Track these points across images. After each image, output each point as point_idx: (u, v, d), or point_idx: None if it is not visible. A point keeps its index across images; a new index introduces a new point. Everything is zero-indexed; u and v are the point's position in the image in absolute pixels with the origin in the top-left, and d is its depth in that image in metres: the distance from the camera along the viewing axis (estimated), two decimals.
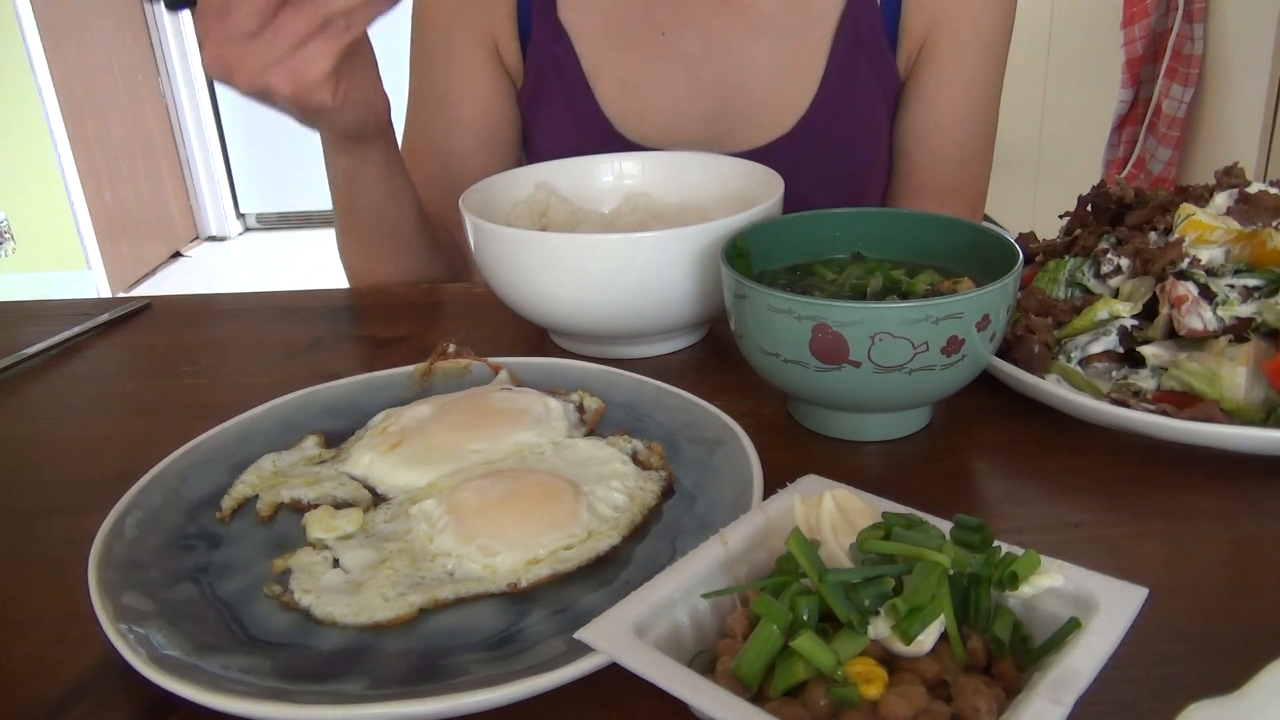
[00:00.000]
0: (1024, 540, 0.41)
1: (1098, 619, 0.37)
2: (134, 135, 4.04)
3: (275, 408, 0.62)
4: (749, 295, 0.56)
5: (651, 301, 0.67)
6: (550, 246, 0.67)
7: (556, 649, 0.41)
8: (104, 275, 3.69)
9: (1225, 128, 2.25)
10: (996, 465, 0.58)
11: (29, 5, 3.35)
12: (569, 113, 0.96)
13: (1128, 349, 0.62)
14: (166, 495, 0.53)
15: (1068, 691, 0.33)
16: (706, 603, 0.40)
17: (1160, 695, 0.39)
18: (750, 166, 0.80)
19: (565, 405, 0.60)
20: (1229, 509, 0.53)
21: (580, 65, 0.95)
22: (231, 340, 0.80)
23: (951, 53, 0.95)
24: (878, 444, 0.59)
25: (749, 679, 0.35)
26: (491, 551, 0.47)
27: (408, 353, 0.76)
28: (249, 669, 0.41)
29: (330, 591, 0.46)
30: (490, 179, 0.80)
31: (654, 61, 0.95)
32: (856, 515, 0.41)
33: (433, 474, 0.54)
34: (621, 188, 0.85)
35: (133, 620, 0.43)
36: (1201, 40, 2.28)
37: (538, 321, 0.73)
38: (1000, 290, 0.54)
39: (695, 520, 0.50)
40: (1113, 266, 0.65)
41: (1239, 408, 0.56)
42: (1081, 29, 2.89)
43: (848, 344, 0.53)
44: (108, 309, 0.85)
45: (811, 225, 0.67)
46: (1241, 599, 0.46)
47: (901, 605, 0.35)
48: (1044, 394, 0.59)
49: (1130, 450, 0.57)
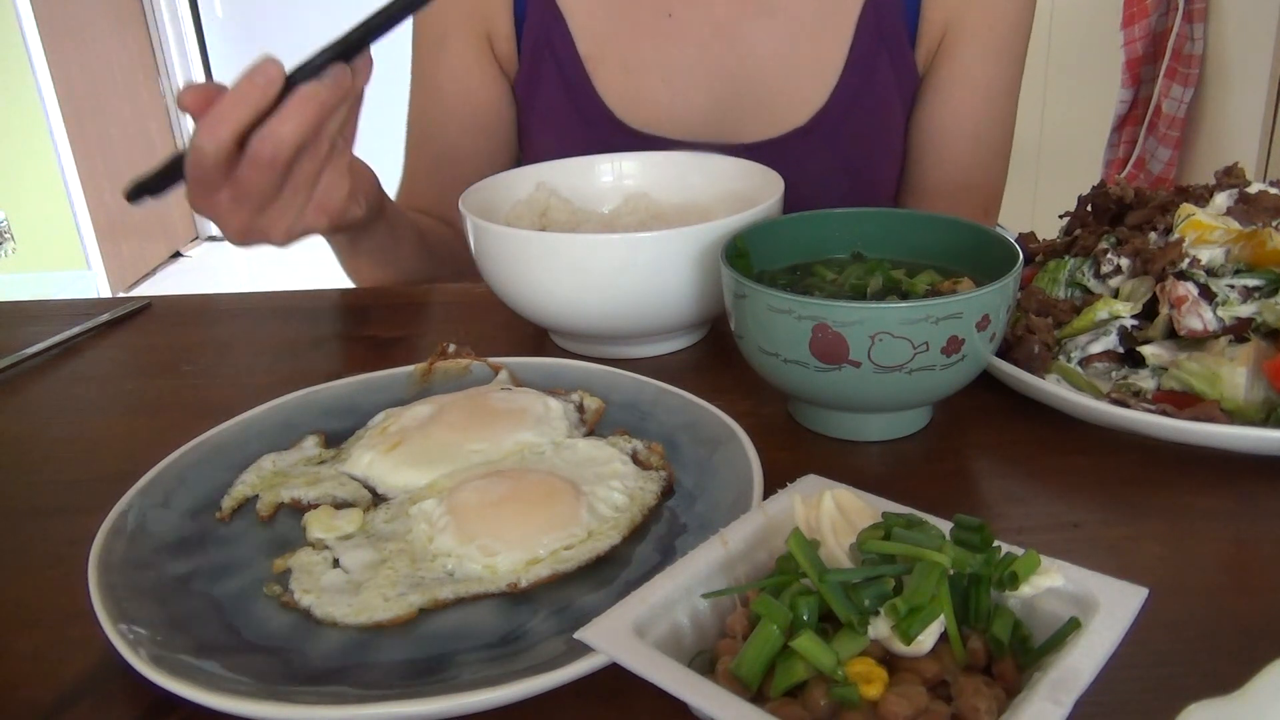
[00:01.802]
0: (1024, 540, 0.41)
1: (1098, 619, 0.37)
2: (134, 135, 4.04)
3: (275, 408, 0.62)
4: (749, 295, 0.56)
5: (651, 301, 0.67)
6: (550, 246, 0.67)
7: (556, 649, 0.41)
8: (104, 275, 3.70)
9: (1225, 128, 2.25)
10: (996, 465, 0.58)
11: (29, 5, 3.35)
12: (566, 99, 0.93)
13: (1128, 349, 0.62)
14: (166, 495, 0.53)
15: (1068, 691, 0.33)
16: (706, 603, 0.40)
17: (1160, 695, 0.39)
18: (750, 166, 0.80)
19: (565, 405, 0.60)
20: (1229, 509, 0.53)
21: (576, 49, 0.92)
22: (231, 340, 0.80)
23: (970, 51, 0.93)
24: (878, 444, 0.59)
25: (749, 679, 0.35)
26: (491, 551, 0.47)
27: (408, 353, 0.76)
28: (249, 669, 0.41)
29: (330, 591, 0.46)
30: (490, 179, 0.80)
31: (659, 45, 0.92)
32: (856, 515, 0.41)
33: (433, 474, 0.54)
34: (621, 188, 0.85)
35: (133, 620, 0.43)
36: (1201, 40, 2.28)
37: (538, 321, 0.73)
38: (1000, 290, 0.54)
39: (695, 520, 0.50)
40: (1113, 266, 0.65)
41: (1239, 408, 0.56)
42: (1081, 29, 2.89)
43: (848, 344, 0.53)
44: (108, 309, 0.85)
45: (811, 225, 0.67)
46: (1241, 599, 0.46)
47: (901, 605, 0.35)
48: (1044, 394, 0.59)
49: (1130, 450, 0.57)
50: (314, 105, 0.63)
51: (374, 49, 0.66)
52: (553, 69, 0.93)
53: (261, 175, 0.65)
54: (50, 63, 3.44)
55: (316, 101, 0.63)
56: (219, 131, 0.62)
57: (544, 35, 0.93)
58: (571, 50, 0.93)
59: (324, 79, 0.63)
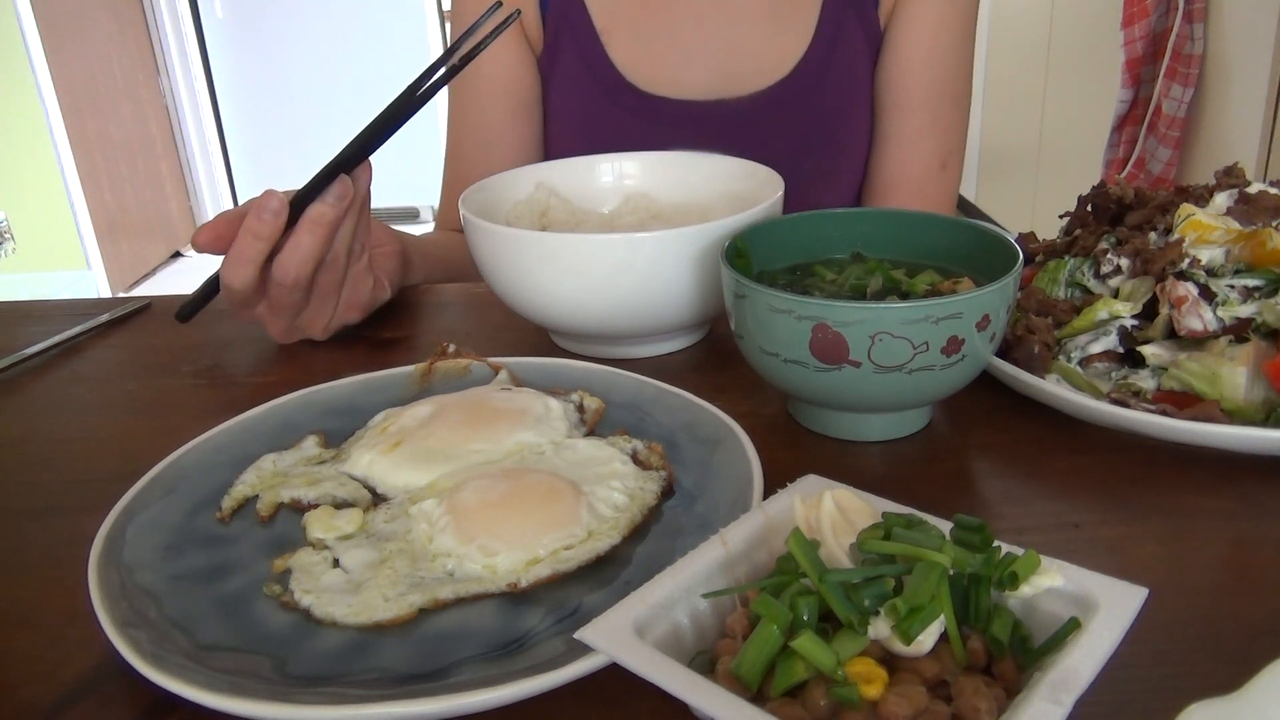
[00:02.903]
0: (1024, 540, 0.41)
1: (1098, 619, 0.37)
2: (134, 135, 4.04)
3: (275, 408, 0.62)
4: (749, 295, 0.56)
5: (651, 301, 0.67)
6: (550, 246, 0.67)
7: (556, 649, 0.41)
8: (104, 275, 3.70)
9: (1225, 128, 2.25)
10: (996, 465, 0.58)
11: (29, 5, 3.36)
12: (583, 66, 1.04)
13: (1128, 349, 0.62)
14: (166, 495, 0.53)
15: (1068, 691, 0.33)
16: (706, 603, 0.40)
17: (1160, 695, 0.39)
18: (750, 166, 0.80)
19: (565, 405, 0.60)
20: (1229, 509, 0.53)
21: (593, 23, 1.03)
22: (231, 340, 0.80)
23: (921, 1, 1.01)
24: (878, 444, 0.59)
25: (749, 679, 0.35)
26: (491, 551, 0.47)
27: (408, 353, 0.76)
28: (249, 669, 0.41)
29: (330, 591, 0.46)
30: (490, 179, 0.80)
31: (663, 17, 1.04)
32: (856, 515, 0.41)
33: (433, 474, 0.54)
34: (621, 188, 0.85)
35: (133, 620, 0.43)
36: (1201, 40, 2.28)
37: (538, 321, 0.73)
38: (1000, 290, 0.54)
39: (695, 520, 0.50)
40: (1113, 266, 0.65)
41: (1239, 408, 0.56)
42: (1081, 29, 2.90)
43: (848, 344, 0.53)
44: (108, 309, 0.85)
45: (811, 225, 0.67)
46: (1241, 599, 0.46)
47: (901, 605, 0.35)
48: (1044, 394, 0.59)
49: (1130, 450, 0.57)
50: (322, 226, 0.69)
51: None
52: (571, 42, 1.04)
53: (288, 295, 0.71)
54: (50, 63, 3.44)
55: (324, 222, 0.69)
56: (241, 272, 0.69)
57: (564, 12, 1.04)
58: (588, 24, 1.04)
59: (327, 198, 0.69)
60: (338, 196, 0.69)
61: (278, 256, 0.69)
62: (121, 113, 3.95)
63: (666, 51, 1.03)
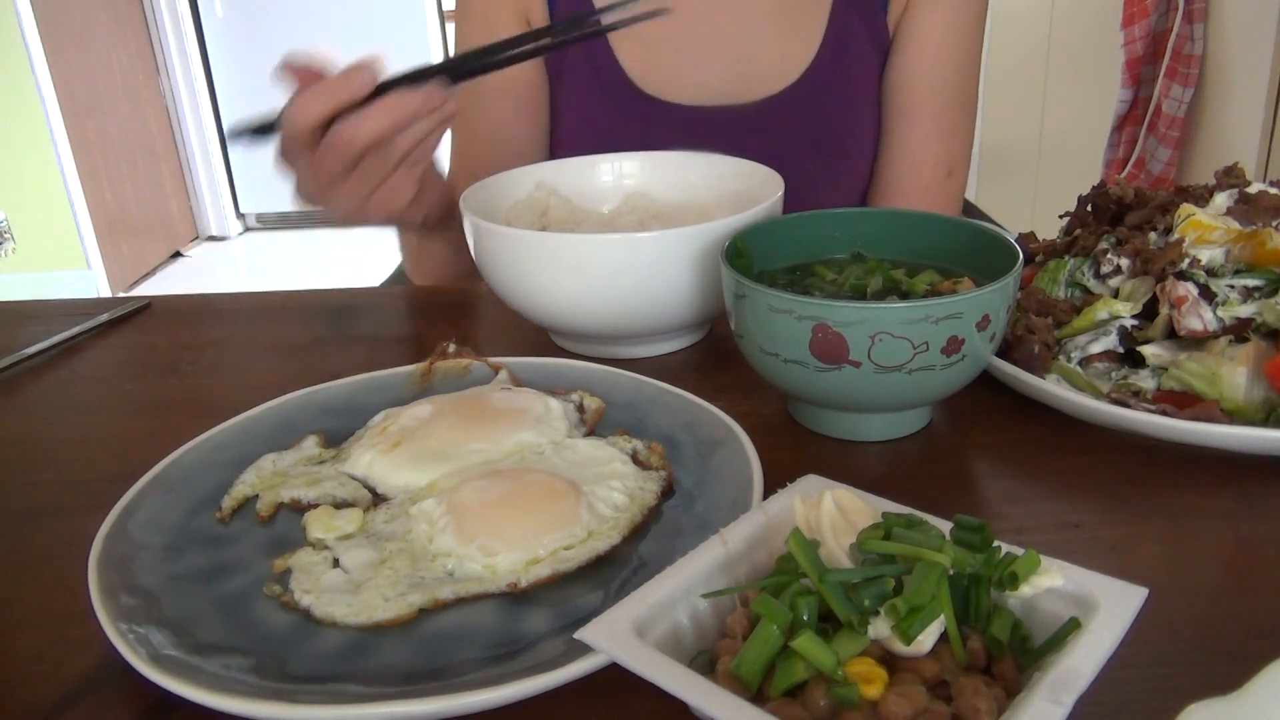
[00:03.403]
0: (1024, 540, 0.41)
1: (1098, 619, 0.37)
2: (134, 135, 4.04)
3: (275, 408, 0.62)
4: (749, 295, 0.56)
5: (651, 301, 0.67)
6: (550, 246, 0.67)
7: (556, 649, 0.41)
8: (104, 275, 3.69)
9: (1225, 128, 2.25)
10: (996, 465, 0.58)
11: (29, 5, 3.35)
12: (593, 72, 1.03)
13: (1128, 349, 0.62)
14: (166, 495, 0.53)
15: (1068, 691, 0.33)
16: (706, 603, 0.40)
17: (1160, 695, 0.39)
18: (750, 166, 0.80)
19: (565, 405, 0.60)
20: (1229, 509, 0.53)
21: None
22: (231, 340, 0.80)
23: (929, 7, 1.01)
24: (878, 444, 0.59)
25: (749, 679, 0.35)
26: (491, 551, 0.47)
27: (408, 353, 0.76)
28: (249, 669, 0.41)
29: (330, 591, 0.46)
30: (490, 179, 0.80)
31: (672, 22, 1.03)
32: (856, 515, 0.41)
33: (433, 474, 0.54)
34: (621, 188, 0.85)
35: (133, 620, 0.43)
36: (1201, 40, 2.28)
37: (538, 321, 0.73)
38: (1000, 290, 0.54)
39: (695, 520, 0.50)
40: (1113, 266, 0.65)
41: (1239, 408, 0.56)
42: (1081, 29, 2.89)
43: (848, 344, 0.53)
44: (108, 309, 0.85)
45: (811, 225, 0.67)
46: (1241, 599, 0.46)
47: (901, 605, 0.35)
48: (1044, 394, 0.59)
49: (1130, 450, 0.57)
50: (396, 112, 0.68)
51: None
52: (579, 46, 1.03)
53: (331, 160, 0.70)
54: (50, 63, 3.44)
55: (400, 108, 0.68)
56: (308, 110, 0.68)
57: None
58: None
59: (419, 90, 0.69)
60: (428, 94, 0.69)
61: (342, 118, 0.69)
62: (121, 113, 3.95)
63: (675, 56, 1.02)
